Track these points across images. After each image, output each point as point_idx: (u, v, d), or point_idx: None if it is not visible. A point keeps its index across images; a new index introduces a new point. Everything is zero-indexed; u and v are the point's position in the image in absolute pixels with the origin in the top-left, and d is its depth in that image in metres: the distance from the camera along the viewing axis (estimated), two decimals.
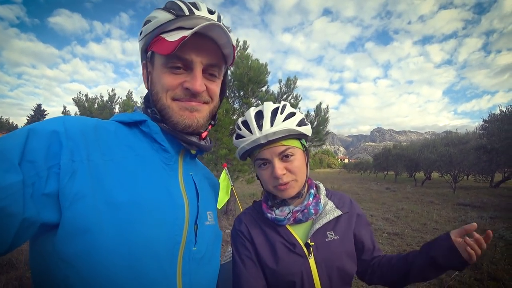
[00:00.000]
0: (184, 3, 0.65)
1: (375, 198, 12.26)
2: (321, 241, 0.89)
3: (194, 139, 0.70)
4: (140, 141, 0.64)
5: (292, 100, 7.17)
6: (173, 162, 0.68)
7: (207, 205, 0.77)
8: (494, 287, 3.40)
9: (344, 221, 0.95)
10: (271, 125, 0.84)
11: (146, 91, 0.73)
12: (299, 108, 7.09)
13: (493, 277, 3.64)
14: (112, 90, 14.64)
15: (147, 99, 0.73)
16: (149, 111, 0.70)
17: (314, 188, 0.98)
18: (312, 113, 7.33)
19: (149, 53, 0.67)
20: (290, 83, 7.13)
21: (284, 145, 0.86)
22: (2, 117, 40.84)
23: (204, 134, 0.73)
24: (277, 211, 0.91)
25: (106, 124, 0.61)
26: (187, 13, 0.63)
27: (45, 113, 44.47)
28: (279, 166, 0.85)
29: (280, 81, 7.14)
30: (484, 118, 16.77)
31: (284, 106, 0.89)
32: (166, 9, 0.64)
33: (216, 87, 0.71)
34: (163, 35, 0.64)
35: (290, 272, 0.84)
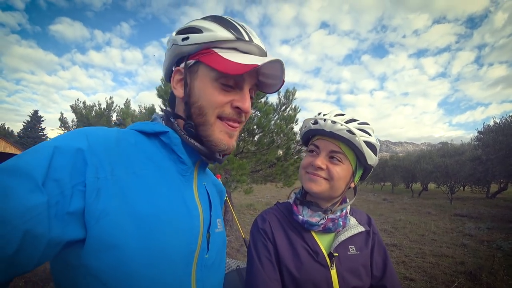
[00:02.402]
0: (242, 26, 0.65)
1: (372, 209, 12.26)
2: (343, 253, 0.89)
3: (216, 155, 0.71)
4: (159, 152, 0.65)
5: (290, 112, 7.24)
6: (189, 173, 0.68)
7: (217, 213, 0.78)
8: None
9: (364, 238, 0.96)
10: (341, 124, 0.86)
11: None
12: (297, 120, 7.16)
13: None
14: (110, 98, 14.66)
15: (173, 107, 0.72)
16: (173, 120, 0.69)
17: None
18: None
19: (191, 61, 0.65)
20: (289, 95, 7.22)
21: (339, 148, 0.88)
22: None
23: (229, 152, 0.73)
24: (306, 214, 0.92)
25: (126, 136, 0.61)
26: (246, 38, 0.64)
27: (42, 119, 43.98)
28: (321, 159, 0.88)
29: (279, 93, 7.23)
30: (478, 129, 17.00)
31: (362, 122, 0.90)
32: (224, 26, 0.63)
33: (250, 109, 0.71)
34: (215, 50, 0.63)
35: (312, 281, 0.84)
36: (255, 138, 6.91)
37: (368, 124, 0.90)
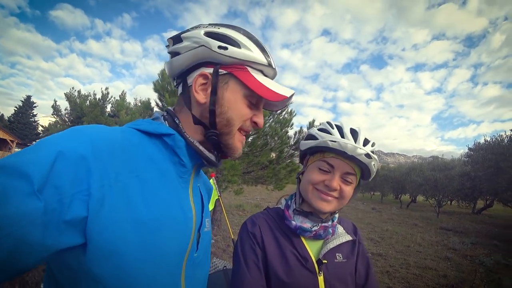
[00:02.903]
0: (269, 53, 0.71)
1: (361, 218, 12.35)
2: (331, 261, 0.90)
3: (215, 158, 0.72)
4: (160, 153, 0.64)
5: (286, 115, 7.27)
6: (187, 175, 0.69)
7: (207, 212, 0.80)
8: None
9: (351, 246, 0.97)
10: (361, 148, 0.85)
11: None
12: (292, 124, 7.19)
13: None
14: (106, 88, 14.53)
15: (188, 107, 0.70)
16: (178, 122, 0.68)
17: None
18: (305, 129, 7.42)
19: (223, 71, 0.65)
20: None
21: (353, 170, 0.88)
22: None
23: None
24: (298, 220, 0.92)
25: (130, 137, 0.60)
26: (273, 65, 0.70)
27: (34, 105, 43.07)
28: (337, 181, 0.87)
29: None
30: (469, 146, 17.31)
31: (373, 144, 0.91)
32: (259, 48, 0.68)
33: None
34: (249, 69, 0.67)
35: (300, 287, 0.84)
36: (249, 140, 6.91)
37: (374, 143, 0.91)
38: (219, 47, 0.63)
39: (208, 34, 0.64)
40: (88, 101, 13.96)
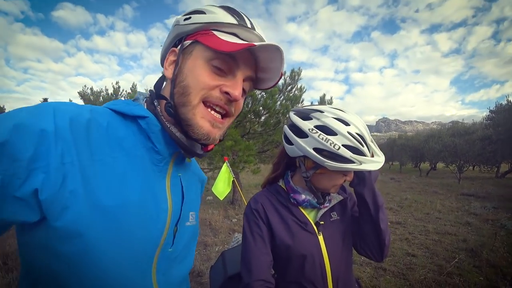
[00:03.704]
0: (247, 17, 0.65)
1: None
2: (327, 221, 1.04)
3: (196, 148, 0.69)
4: (133, 137, 0.60)
5: (296, 92, 7.23)
6: (163, 164, 0.64)
7: (191, 205, 0.76)
8: (492, 273, 3.51)
9: (344, 204, 1.13)
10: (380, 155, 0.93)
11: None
12: (303, 100, 7.15)
13: (492, 264, 3.75)
14: (117, 83, 14.72)
15: (158, 88, 0.68)
16: (156, 104, 0.64)
17: None
18: (316, 103, 7.38)
19: (188, 42, 0.62)
20: (294, 75, 7.17)
21: None
22: None
23: (210, 147, 0.72)
24: (306, 196, 1.04)
25: (99, 117, 0.56)
26: (249, 25, 0.63)
27: None
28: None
29: (284, 73, 7.18)
30: (490, 108, 16.60)
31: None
32: (228, 11, 0.63)
33: (242, 103, 0.70)
34: (215, 32, 0.61)
35: (304, 247, 0.97)
36: (261, 119, 6.96)
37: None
38: (185, 19, 0.62)
39: (183, 15, 0.64)
40: (101, 97, 14.23)
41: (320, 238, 1.00)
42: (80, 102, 14.88)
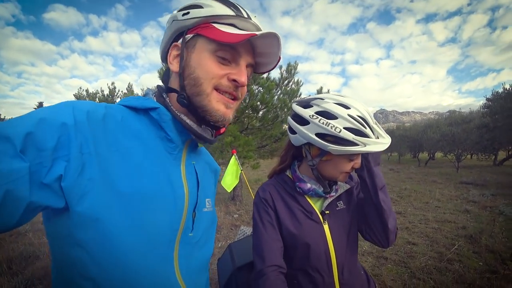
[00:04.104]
0: (242, 8, 0.67)
1: None
2: (333, 210, 1.05)
3: (207, 134, 0.70)
4: (146, 128, 0.65)
5: (293, 86, 7.22)
6: (177, 151, 0.68)
7: (207, 192, 0.80)
8: (491, 258, 3.58)
9: (350, 193, 1.13)
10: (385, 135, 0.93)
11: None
12: (301, 94, 7.15)
13: (491, 250, 3.82)
14: (112, 83, 14.64)
15: (167, 81, 0.72)
16: (165, 96, 0.69)
17: None
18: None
19: (190, 36, 0.65)
20: (290, 69, 7.16)
21: None
22: (5, 117, 40.23)
23: (222, 130, 0.75)
24: (312, 185, 1.04)
25: (114, 112, 0.61)
26: (245, 15, 0.66)
27: None
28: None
29: (280, 67, 7.17)
30: (487, 97, 16.64)
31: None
32: (224, 3, 0.65)
33: (246, 89, 0.72)
34: (214, 24, 0.64)
35: (309, 236, 0.98)
36: (259, 114, 6.96)
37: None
38: (183, 14, 0.65)
39: (179, 10, 0.67)
40: (97, 99, 14.15)
41: (326, 227, 1.01)
42: None
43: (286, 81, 7.23)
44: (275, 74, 8.38)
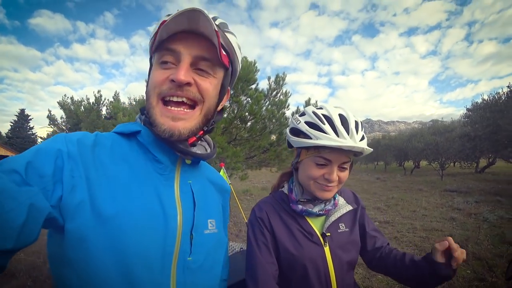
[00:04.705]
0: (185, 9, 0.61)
1: (366, 189, 12.54)
2: (334, 232, 0.99)
3: (198, 149, 0.70)
4: (135, 152, 0.65)
5: (281, 97, 7.27)
6: (168, 171, 0.67)
7: (209, 212, 0.75)
8: (478, 265, 3.61)
9: (352, 214, 1.06)
10: (360, 139, 0.87)
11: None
12: (289, 104, 7.20)
13: (478, 257, 3.86)
14: (99, 91, 14.42)
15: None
16: (142, 117, 0.69)
17: None
18: (302, 108, 7.45)
19: (152, 56, 0.67)
20: (279, 80, 7.22)
21: (349, 158, 0.92)
22: None
23: (191, 140, 0.68)
24: (306, 205, 0.99)
25: (103, 139, 0.63)
26: (175, 11, 0.60)
27: (29, 117, 42.62)
28: (335, 173, 0.91)
29: (269, 78, 7.22)
30: (467, 107, 17.29)
31: (362, 124, 0.93)
32: (170, 16, 0.60)
33: (208, 85, 0.65)
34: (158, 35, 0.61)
35: (310, 258, 0.93)
36: (248, 125, 6.95)
37: (361, 124, 0.93)
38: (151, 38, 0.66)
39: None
40: (82, 107, 13.88)
41: (326, 249, 0.96)
42: (60, 112, 14.43)
43: (275, 92, 7.28)
44: (263, 85, 8.44)
